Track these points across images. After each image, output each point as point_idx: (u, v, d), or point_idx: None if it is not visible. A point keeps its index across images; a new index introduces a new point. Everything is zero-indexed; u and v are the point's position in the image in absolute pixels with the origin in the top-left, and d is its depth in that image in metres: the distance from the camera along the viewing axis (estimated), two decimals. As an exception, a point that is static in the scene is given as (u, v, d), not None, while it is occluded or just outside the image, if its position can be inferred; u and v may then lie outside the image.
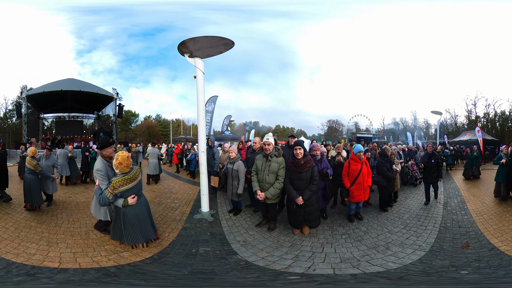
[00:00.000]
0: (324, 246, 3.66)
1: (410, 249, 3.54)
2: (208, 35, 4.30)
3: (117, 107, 21.99)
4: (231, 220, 4.84)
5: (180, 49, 4.60)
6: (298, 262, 3.24)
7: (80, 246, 3.69)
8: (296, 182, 3.93)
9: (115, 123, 22.75)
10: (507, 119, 35.92)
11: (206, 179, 5.02)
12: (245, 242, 3.90)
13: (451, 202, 6.11)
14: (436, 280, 2.76)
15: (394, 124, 48.52)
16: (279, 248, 3.66)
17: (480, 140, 15.30)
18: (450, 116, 41.24)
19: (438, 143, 18.01)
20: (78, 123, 23.24)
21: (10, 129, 33.21)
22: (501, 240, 3.68)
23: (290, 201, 4.01)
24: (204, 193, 4.99)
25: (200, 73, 4.77)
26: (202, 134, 5.16)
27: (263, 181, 4.16)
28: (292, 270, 3.06)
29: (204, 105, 5.08)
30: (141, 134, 41.58)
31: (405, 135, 29.30)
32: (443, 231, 4.23)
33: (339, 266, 3.10)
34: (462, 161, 17.09)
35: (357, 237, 3.96)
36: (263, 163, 4.20)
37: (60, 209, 5.54)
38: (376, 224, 4.56)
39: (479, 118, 37.78)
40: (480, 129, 16.90)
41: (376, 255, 3.36)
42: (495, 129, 35.95)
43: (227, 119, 20.34)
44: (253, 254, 3.50)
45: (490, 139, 20.89)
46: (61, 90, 19.56)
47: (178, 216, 5.13)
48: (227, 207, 5.65)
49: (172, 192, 7.29)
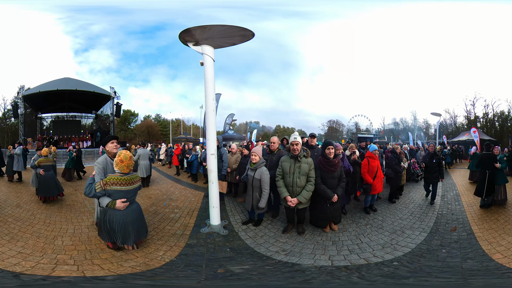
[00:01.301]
0: (359, 237, 4.12)
1: (418, 231, 4.37)
2: (225, 24, 3.92)
3: (114, 106, 22.36)
4: (251, 231, 4.38)
5: (182, 37, 4.14)
6: (362, 255, 3.55)
7: (37, 248, 3.56)
8: (330, 181, 4.11)
9: (112, 123, 23.07)
10: (506, 119, 37.42)
11: (216, 190, 4.40)
12: (287, 250, 3.69)
13: (447, 195, 7.03)
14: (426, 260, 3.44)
15: (394, 124, 50.02)
16: (327, 248, 3.78)
17: (477, 140, 16.38)
18: (450, 116, 42.83)
19: (438, 143, 19.12)
20: (76, 123, 23.59)
21: (9, 129, 33.69)
22: (479, 228, 4.49)
23: (324, 200, 4.07)
24: (214, 205, 4.38)
25: (209, 59, 4.28)
26: (212, 130, 4.47)
27: (293, 185, 4.00)
28: (372, 260, 3.38)
29: (214, 95, 4.47)
30: (140, 134, 41.95)
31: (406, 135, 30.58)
32: (440, 217, 5.09)
33: (387, 251, 3.65)
34: (460, 160, 18.30)
35: (378, 226, 4.63)
36: (291, 165, 4.04)
37: (42, 209, 5.54)
38: (389, 213, 5.36)
39: (478, 118, 39.34)
40: (476, 129, 18.02)
41: (398, 238, 4.10)
42: (495, 129, 37.48)
43: (230, 118, 20.29)
44: (312, 259, 3.44)
45: (488, 139, 22.13)
46: (56, 90, 19.91)
47: (180, 229, 4.46)
48: (239, 216, 5.16)
49: (172, 199, 6.56)
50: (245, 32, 4.20)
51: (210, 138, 4.47)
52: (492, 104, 38.04)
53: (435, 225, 4.65)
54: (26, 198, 6.38)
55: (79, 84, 21.61)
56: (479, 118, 39.29)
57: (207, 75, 4.30)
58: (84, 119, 24.35)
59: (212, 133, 4.48)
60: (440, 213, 5.37)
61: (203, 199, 6.47)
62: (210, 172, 4.44)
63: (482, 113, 39.18)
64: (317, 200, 4.16)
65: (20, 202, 6.04)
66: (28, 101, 20.66)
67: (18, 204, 5.79)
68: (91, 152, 17.12)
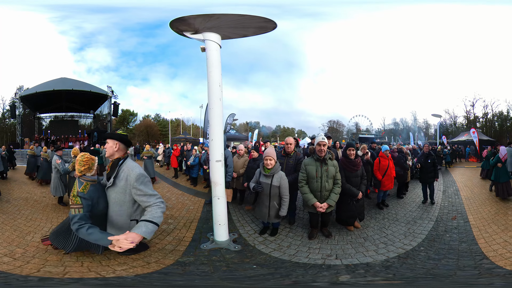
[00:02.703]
0: (383, 230, 4.59)
1: (427, 221, 5.10)
2: (241, 13, 3.43)
3: (112, 105, 22.76)
4: (271, 242, 4.03)
5: (175, 26, 3.59)
6: (396, 244, 4.01)
7: (8, 240, 3.88)
8: (354, 179, 4.42)
9: (110, 122, 23.39)
10: (506, 119, 38.92)
11: (224, 206, 3.81)
12: (332, 255, 3.68)
13: (448, 190, 7.90)
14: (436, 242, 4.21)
15: (394, 124, 51.40)
16: (363, 244, 4.01)
17: (476, 141, 17.43)
18: (450, 117, 44.34)
19: (438, 143, 20.15)
20: (74, 123, 23.97)
21: (8, 130, 34.16)
22: (474, 217, 5.26)
23: (350, 198, 4.30)
24: (221, 223, 3.80)
25: (214, 44, 3.70)
26: (217, 128, 3.74)
27: (321, 190, 3.90)
28: (406, 248, 3.83)
29: (221, 81, 3.75)
30: (139, 134, 42.26)
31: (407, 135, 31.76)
32: (442, 208, 5.89)
33: (410, 239, 4.22)
34: (460, 160, 19.35)
35: (394, 219, 5.24)
36: (317, 169, 3.93)
37: (28, 206, 5.90)
38: (399, 207, 6.07)
39: (478, 118, 40.86)
40: (475, 130, 19.13)
41: (413, 228, 4.74)
42: (494, 129, 38.98)
43: (231, 118, 20.32)
44: (364, 257, 3.60)
45: (486, 139, 23.28)
46: (53, 90, 20.30)
47: (171, 244, 3.89)
48: (250, 226, 4.75)
49: (167, 207, 5.84)
50: (266, 24, 3.71)
51: (215, 138, 3.72)
52: (491, 105, 39.56)
53: (439, 215, 5.45)
54: (16, 195, 6.95)
55: (75, 83, 21.95)
56: (478, 118, 40.80)
57: (212, 58, 3.68)
58: (83, 119, 24.73)
59: (218, 132, 3.74)
60: (442, 205, 6.17)
61: (204, 207, 6.04)
62: (215, 185, 3.74)
63: (481, 113, 40.71)
64: (343, 200, 4.25)
65: (10, 198, 6.61)
66: (25, 101, 21.00)
67: (7, 200, 6.39)
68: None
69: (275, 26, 3.78)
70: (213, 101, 3.75)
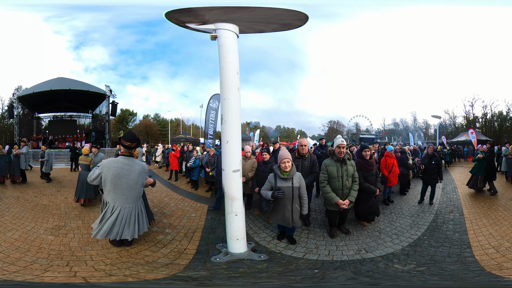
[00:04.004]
0: (392, 223, 5.15)
1: (428, 213, 5.76)
2: (276, 7, 3.10)
3: (110, 104, 22.70)
4: (294, 246, 4.08)
5: (177, 17, 3.26)
6: (406, 234, 4.57)
7: None
8: (370, 178, 4.94)
9: (108, 122, 23.43)
10: (505, 119, 39.83)
11: (242, 221, 3.61)
12: (362, 250, 4.02)
13: (447, 187, 8.54)
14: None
15: (394, 124, 52.25)
16: (380, 237, 4.48)
17: (474, 141, 18.09)
18: (449, 117, 45.24)
19: (438, 144, 20.83)
20: (73, 123, 24.11)
21: (7, 130, 34.41)
22: (468, 211, 5.87)
23: (369, 196, 4.78)
24: (239, 238, 3.56)
25: (231, 33, 3.36)
26: (234, 124, 3.33)
27: (342, 188, 4.21)
28: (414, 237, 4.42)
29: (238, 69, 3.38)
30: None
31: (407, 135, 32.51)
32: (441, 203, 6.52)
33: (415, 229, 4.81)
34: (459, 160, 20.03)
35: (400, 213, 5.83)
36: (338, 169, 4.22)
37: (18, 205, 6.13)
38: (403, 203, 6.68)
39: (477, 118, 41.77)
40: (473, 130, 19.84)
41: (417, 220, 5.35)
42: (494, 129, 39.87)
43: None
44: (388, 248, 4.07)
45: (485, 139, 24.01)
46: (50, 90, 20.43)
47: (167, 257, 3.60)
48: (265, 232, 4.66)
49: (164, 214, 5.65)
50: (293, 21, 3.39)
51: (232, 140, 3.33)
52: (490, 105, 40.46)
53: (439, 209, 6.06)
54: (9, 193, 7.31)
55: (73, 83, 22.04)
56: (478, 118, 41.70)
57: (227, 45, 3.29)
58: (82, 119, 24.92)
59: (235, 132, 3.33)
60: (441, 200, 6.81)
61: (207, 214, 5.68)
62: (233, 199, 3.44)
63: (481, 113, 41.62)
64: (363, 198, 4.72)
65: (2, 196, 6.95)
66: (23, 101, 21.19)
67: (0, 198, 6.74)
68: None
69: (301, 25, 3.52)
70: (229, 90, 3.25)
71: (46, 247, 3.97)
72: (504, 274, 3.15)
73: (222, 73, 3.31)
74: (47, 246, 4.02)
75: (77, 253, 3.79)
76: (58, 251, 3.85)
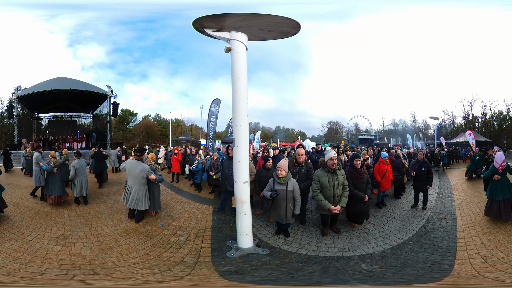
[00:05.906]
0: (382, 226, 5.48)
1: (419, 219, 5.98)
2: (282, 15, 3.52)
3: (111, 105, 22.85)
4: (291, 241, 4.77)
5: (201, 23, 3.66)
6: (391, 238, 4.89)
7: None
8: (360, 186, 5.28)
9: (109, 123, 23.64)
10: (505, 119, 40.23)
11: (249, 220, 4.29)
12: (349, 248, 4.51)
13: (442, 192, 8.67)
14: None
15: (393, 125, 52.74)
16: (366, 238, 4.89)
17: (472, 142, 18.48)
18: (448, 117, 45.70)
19: (436, 145, 21.22)
20: (73, 123, 24.33)
21: (7, 130, 34.50)
22: (461, 218, 5.85)
23: (358, 201, 5.19)
24: (247, 233, 4.23)
25: (242, 45, 3.82)
26: (244, 147, 4.10)
27: (334, 196, 4.73)
28: (399, 241, 4.72)
29: (247, 90, 4.00)
30: (139, 135, 42.71)
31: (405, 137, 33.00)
32: (435, 208, 6.69)
33: (402, 234, 5.10)
34: (457, 161, 20.42)
35: (391, 216, 6.13)
36: (329, 179, 4.74)
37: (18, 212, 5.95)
38: (396, 206, 6.95)
39: (477, 118, 42.21)
40: (471, 132, 20.24)
41: (407, 225, 5.61)
42: (493, 129, 40.31)
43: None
44: (371, 248, 4.46)
45: (483, 140, 24.49)
46: (50, 90, 20.55)
47: (190, 257, 4.00)
48: (266, 229, 5.31)
49: (172, 217, 5.98)
50: (289, 29, 3.87)
51: (242, 160, 4.04)
52: (489, 105, 40.87)
53: (431, 214, 6.26)
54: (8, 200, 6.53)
55: (73, 83, 22.10)
56: (477, 118, 42.13)
57: (239, 63, 3.79)
58: (82, 119, 25.07)
59: (244, 153, 4.07)
60: (435, 205, 6.99)
61: (213, 215, 6.12)
62: (242, 202, 4.15)
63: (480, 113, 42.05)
64: (353, 203, 5.22)
65: None
66: (23, 101, 21.38)
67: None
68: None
69: (295, 32, 4.05)
70: (241, 117, 3.95)
71: (54, 257, 3.97)
72: (471, 283, 3.31)
73: (235, 97, 3.95)
74: (55, 256, 4.00)
75: (96, 261, 3.85)
76: (70, 261, 3.87)
